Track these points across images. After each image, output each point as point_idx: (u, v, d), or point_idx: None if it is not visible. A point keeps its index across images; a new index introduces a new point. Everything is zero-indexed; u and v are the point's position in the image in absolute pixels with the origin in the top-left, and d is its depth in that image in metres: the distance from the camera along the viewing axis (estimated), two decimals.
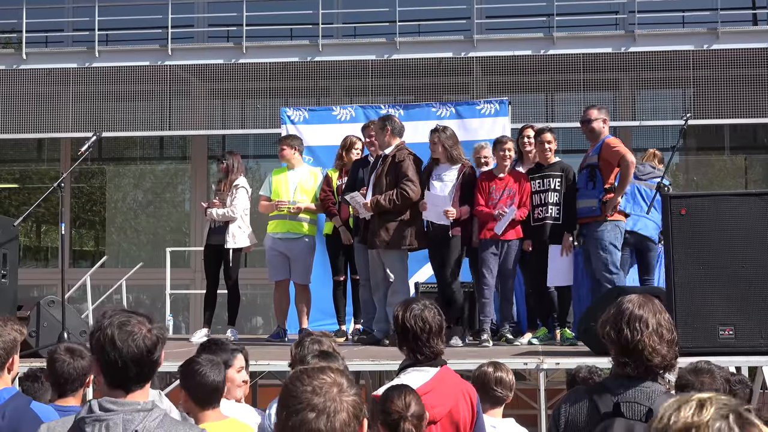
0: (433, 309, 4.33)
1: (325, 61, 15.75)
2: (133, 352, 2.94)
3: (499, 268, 8.87)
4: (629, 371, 3.33)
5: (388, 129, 8.81)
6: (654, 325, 3.33)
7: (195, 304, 17.04)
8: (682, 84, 15.62)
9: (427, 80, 15.79)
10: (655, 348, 3.31)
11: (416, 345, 4.25)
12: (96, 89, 16.16)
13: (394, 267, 8.71)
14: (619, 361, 3.35)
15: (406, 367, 4.34)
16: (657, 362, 3.33)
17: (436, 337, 4.28)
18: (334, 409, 2.30)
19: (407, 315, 4.26)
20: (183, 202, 19.05)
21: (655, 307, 3.39)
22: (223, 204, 9.73)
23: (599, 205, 8.45)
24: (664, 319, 3.38)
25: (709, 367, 4.48)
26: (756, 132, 17.73)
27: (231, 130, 17.29)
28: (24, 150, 19.53)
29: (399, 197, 8.59)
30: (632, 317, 3.33)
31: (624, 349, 3.33)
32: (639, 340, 3.30)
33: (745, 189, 16.63)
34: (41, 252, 19.94)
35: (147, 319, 3.03)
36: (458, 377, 4.46)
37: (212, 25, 17.68)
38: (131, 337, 2.95)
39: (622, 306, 3.38)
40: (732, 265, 6.99)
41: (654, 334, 3.31)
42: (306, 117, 11.86)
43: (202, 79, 16.48)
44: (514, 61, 15.34)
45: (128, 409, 2.92)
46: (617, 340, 3.34)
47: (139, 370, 2.97)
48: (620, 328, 3.33)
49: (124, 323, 2.98)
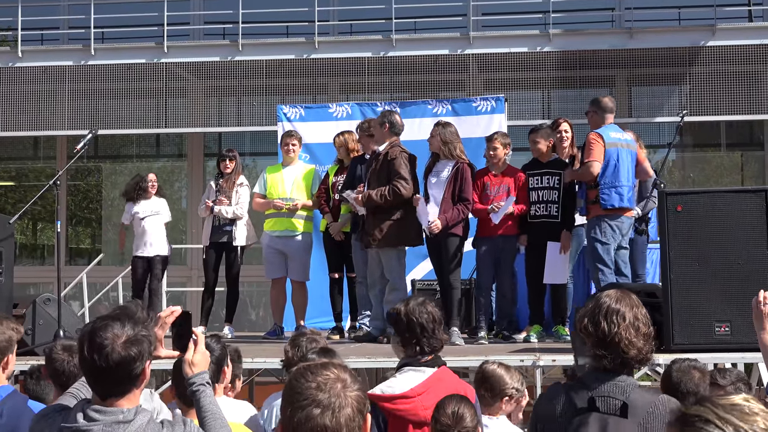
0: (431, 303, 4.40)
1: (321, 59, 15.75)
2: (101, 366, 2.84)
3: (496, 265, 8.87)
4: (606, 364, 3.38)
5: (387, 126, 8.80)
6: (631, 318, 3.38)
7: (192, 302, 17.02)
8: (679, 81, 15.64)
9: (424, 77, 15.78)
10: (631, 340, 3.36)
11: (422, 338, 4.27)
12: (92, 87, 16.15)
13: (391, 265, 8.71)
14: (596, 354, 3.41)
15: (402, 366, 4.34)
16: (633, 355, 3.38)
17: (439, 328, 4.32)
18: (338, 405, 2.31)
19: (412, 308, 4.31)
20: (180, 199, 19.02)
21: (632, 302, 3.45)
22: (228, 202, 9.78)
23: (584, 204, 8.36)
24: (640, 313, 3.43)
25: (695, 364, 4.47)
26: (752, 129, 17.74)
27: (227, 128, 17.27)
28: (20, 148, 19.50)
29: (390, 193, 8.58)
30: (609, 311, 3.39)
31: (601, 341, 3.39)
32: (616, 333, 3.36)
33: (741, 186, 16.64)
34: (37, 250, 19.92)
35: (133, 326, 2.90)
36: (456, 377, 4.45)
37: (208, 22, 17.68)
38: (102, 350, 2.84)
39: (600, 300, 3.45)
40: (728, 261, 7.00)
41: (630, 327, 3.37)
42: (302, 114, 11.86)
43: (198, 76, 16.47)
44: (510, 58, 15.34)
45: (109, 420, 2.83)
46: (594, 333, 3.40)
47: (115, 382, 2.87)
48: (597, 321, 3.39)
49: (96, 332, 2.87)
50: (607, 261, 8.12)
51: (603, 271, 8.09)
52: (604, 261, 8.10)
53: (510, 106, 12.45)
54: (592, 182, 8.23)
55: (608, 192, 8.17)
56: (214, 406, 3.19)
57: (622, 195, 8.21)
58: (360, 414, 2.34)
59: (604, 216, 8.18)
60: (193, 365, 3.24)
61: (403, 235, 8.69)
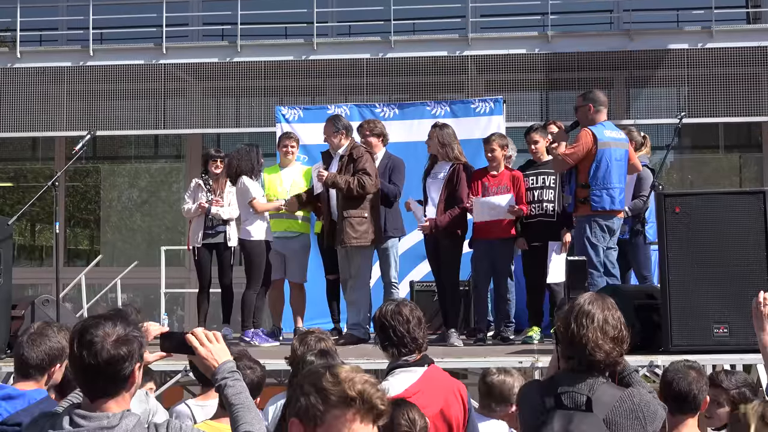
0: (409, 305, 4.41)
1: (319, 60, 15.75)
2: (89, 363, 2.81)
3: (494, 267, 8.87)
4: (574, 365, 3.43)
5: (343, 132, 8.90)
6: (600, 321, 3.41)
7: (190, 303, 17.02)
8: (677, 82, 15.65)
9: (422, 79, 15.79)
10: (597, 343, 3.39)
11: (398, 338, 4.27)
12: (90, 88, 16.15)
13: (356, 264, 8.74)
14: (566, 356, 3.46)
15: (393, 369, 4.34)
16: (600, 358, 3.40)
17: (416, 328, 4.30)
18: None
19: (383, 312, 4.34)
20: (178, 200, 19.01)
21: (605, 305, 3.48)
22: (223, 203, 9.75)
23: (573, 201, 8.15)
24: (612, 316, 3.45)
25: (693, 365, 4.48)
26: (751, 130, 17.75)
27: (226, 129, 17.27)
28: (18, 148, 19.50)
29: (357, 184, 8.60)
30: (580, 313, 3.44)
31: (570, 343, 3.43)
32: (583, 335, 3.39)
33: (740, 187, 16.64)
34: (36, 251, 19.91)
35: (125, 326, 2.87)
36: (447, 375, 4.45)
37: (207, 23, 17.68)
38: (91, 347, 2.81)
39: (575, 302, 3.51)
40: (726, 263, 7.00)
41: (598, 329, 3.40)
42: (301, 115, 11.87)
43: (196, 77, 16.47)
44: (508, 59, 15.34)
45: (93, 426, 2.81)
46: (565, 335, 3.45)
47: (104, 382, 2.84)
48: (569, 322, 3.45)
49: (87, 329, 2.84)
50: (596, 263, 7.94)
51: (592, 275, 7.88)
52: (594, 264, 7.92)
53: (508, 108, 12.45)
54: (583, 181, 8.02)
55: (599, 194, 7.96)
56: (240, 397, 3.06)
57: (614, 197, 8.00)
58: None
59: (594, 216, 7.99)
60: (206, 362, 3.15)
61: (371, 233, 8.69)
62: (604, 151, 8.00)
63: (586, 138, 7.99)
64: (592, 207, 7.96)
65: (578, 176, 8.06)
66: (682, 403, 4.29)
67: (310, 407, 2.51)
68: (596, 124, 8.10)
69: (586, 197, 8.00)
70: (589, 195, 7.98)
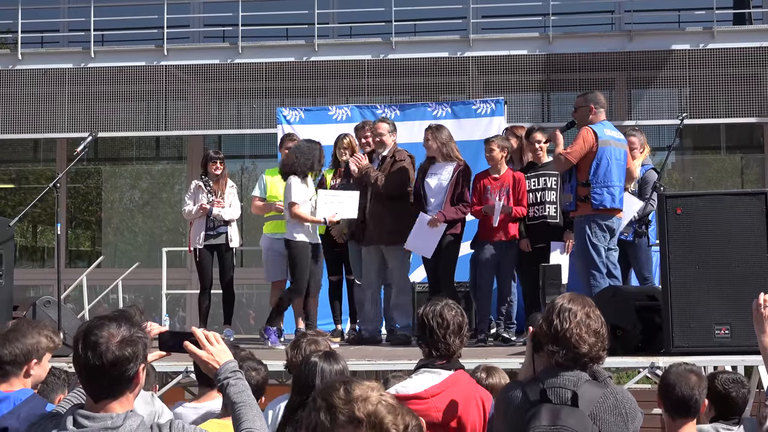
0: (455, 309, 4.37)
1: (321, 61, 15.76)
2: (94, 364, 2.82)
3: (497, 268, 8.87)
4: (558, 359, 3.59)
5: (394, 132, 9.19)
6: (582, 317, 3.61)
7: (191, 304, 17.03)
8: (679, 83, 15.64)
9: (423, 80, 15.80)
10: (582, 336, 3.58)
11: (432, 340, 4.31)
12: (92, 89, 16.16)
13: (396, 264, 8.73)
14: (551, 351, 3.62)
15: (419, 368, 4.36)
16: (584, 351, 3.58)
17: (453, 335, 4.31)
18: None
19: (426, 311, 4.36)
20: (179, 202, 19.02)
21: (585, 302, 3.69)
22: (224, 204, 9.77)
23: (574, 200, 8.10)
24: (593, 312, 3.66)
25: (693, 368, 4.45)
26: (752, 131, 17.75)
27: (227, 130, 17.29)
28: (20, 150, 19.51)
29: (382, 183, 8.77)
30: (562, 309, 3.64)
31: (554, 338, 3.60)
32: (566, 329, 3.58)
33: (742, 188, 16.64)
34: (37, 252, 19.93)
35: (129, 327, 2.88)
36: (473, 382, 4.45)
37: (208, 25, 17.69)
38: (96, 348, 2.82)
39: (555, 301, 3.71)
40: (727, 264, 6.99)
41: (581, 324, 3.60)
42: (302, 117, 11.88)
43: (198, 79, 16.48)
44: (509, 60, 15.35)
45: (97, 427, 2.81)
46: (548, 331, 3.62)
47: (109, 383, 2.85)
48: (551, 319, 3.63)
49: (92, 330, 2.85)
50: (599, 265, 7.90)
51: (595, 276, 7.88)
52: (597, 265, 7.89)
53: (510, 109, 12.45)
54: (583, 179, 8.00)
55: (600, 192, 7.92)
56: (242, 395, 3.08)
57: (614, 195, 7.97)
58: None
59: (594, 215, 7.96)
60: (208, 364, 3.15)
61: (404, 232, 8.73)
62: (605, 149, 7.99)
63: (587, 135, 7.98)
64: (592, 205, 7.94)
65: (579, 174, 8.05)
66: (684, 407, 4.27)
67: (319, 424, 2.48)
68: (596, 123, 8.11)
69: (587, 195, 7.97)
70: (590, 193, 7.95)
